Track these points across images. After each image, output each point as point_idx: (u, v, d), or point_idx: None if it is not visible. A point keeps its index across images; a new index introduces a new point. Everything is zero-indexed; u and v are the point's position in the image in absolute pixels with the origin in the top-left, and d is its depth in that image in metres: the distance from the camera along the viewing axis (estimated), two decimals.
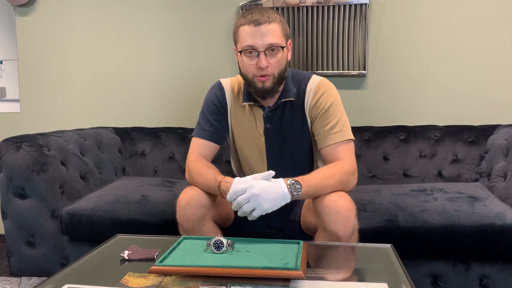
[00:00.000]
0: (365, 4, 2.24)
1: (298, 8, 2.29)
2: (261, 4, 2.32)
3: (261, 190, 1.19)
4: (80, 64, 2.57)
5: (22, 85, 2.63)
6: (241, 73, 1.47)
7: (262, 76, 1.38)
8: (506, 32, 2.21)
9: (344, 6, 2.26)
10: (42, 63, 2.60)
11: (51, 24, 2.56)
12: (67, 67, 2.58)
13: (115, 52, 2.53)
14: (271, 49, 1.36)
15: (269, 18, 1.35)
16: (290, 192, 1.22)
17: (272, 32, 1.35)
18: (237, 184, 1.22)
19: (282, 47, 1.38)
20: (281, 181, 1.23)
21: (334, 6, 2.26)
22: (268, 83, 1.39)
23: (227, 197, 1.24)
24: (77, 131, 2.16)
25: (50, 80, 2.60)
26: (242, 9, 2.34)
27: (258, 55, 1.36)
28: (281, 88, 1.47)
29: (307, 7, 2.28)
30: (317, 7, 2.28)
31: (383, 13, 2.29)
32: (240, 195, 1.21)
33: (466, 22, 2.24)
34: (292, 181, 1.23)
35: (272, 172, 1.24)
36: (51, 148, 1.86)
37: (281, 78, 1.42)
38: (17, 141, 1.79)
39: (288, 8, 2.30)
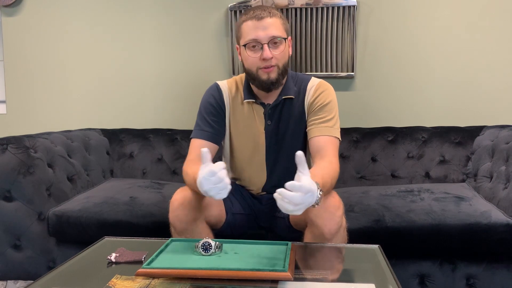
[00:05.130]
0: (354, 6, 2.26)
1: (287, 9, 2.30)
2: (250, 6, 2.32)
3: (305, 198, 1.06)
4: (68, 65, 2.54)
5: (9, 86, 2.60)
6: (245, 69, 1.50)
7: (266, 67, 1.42)
8: (491, 34, 2.24)
9: (333, 8, 2.27)
10: (29, 64, 2.57)
11: (37, 25, 2.54)
12: (54, 68, 2.55)
13: (103, 54, 2.51)
14: (274, 41, 1.42)
15: (270, 13, 1.43)
16: (314, 205, 1.12)
17: (274, 25, 1.42)
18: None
19: (285, 39, 1.44)
20: (316, 191, 1.09)
21: (322, 8, 2.27)
22: (273, 74, 1.44)
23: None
24: (64, 133, 2.14)
25: (37, 81, 2.57)
26: (231, 11, 2.34)
27: (261, 48, 1.41)
28: (284, 82, 1.51)
29: (295, 8, 2.29)
30: (306, 9, 2.28)
31: (371, 15, 2.30)
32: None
33: (453, 25, 2.26)
34: (321, 193, 1.13)
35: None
36: (38, 150, 1.84)
37: (285, 70, 1.47)
38: (3, 143, 1.77)
39: (277, 9, 2.30)
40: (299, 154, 1.07)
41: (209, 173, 1.11)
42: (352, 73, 2.31)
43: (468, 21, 2.25)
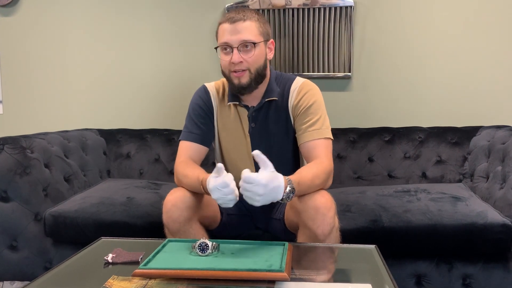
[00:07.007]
0: (351, 6, 2.26)
1: (284, 10, 2.30)
2: (247, 6, 2.32)
3: (266, 190, 1.15)
4: (64, 65, 2.54)
5: (5, 86, 2.59)
6: (222, 71, 1.49)
7: (236, 71, 1.41)
8: (487, 35, 2.24)
9: (330, 8, 2.27)
10: (25, 64, 2.56)
11: (34, 25, 2.53)
12: (51, 68, 2.55)
13: (100, 54, 2.51)
14: (245, 45, 1.40)
15: (244, 16, 1.40)
16: (282, 199, 1.21)
17: (246, 29, 1.39)
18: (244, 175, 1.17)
19: (255, 44, 1.40)
20: (282, 186, 1.19)
21: (319, 9, 2.28)
22: (244, 79, 1.42)
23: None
24: (61, 133, 2.14)
25: (34, 81, 2.57)
26: (228, 11, 2.34)
27: (232, 51, 1.40)
28: (263, 87, 1.50)
29: (293, 9, 2.29)
30: (303, 9, 2.29)
31: (368, 16, 2.31)
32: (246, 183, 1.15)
33: (449, 25, 2.27)
34: (290, 189, 1.21)
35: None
36: (34, 150, 1.84)
37: (258, 75, 1.44)
38: None
39: (274, 10, 2.31)
40: (255, 153, 1.17)
41: (222, 184, 1.18)
42: (349, 74, 2.32)
43: (465, 22, 2.26)
